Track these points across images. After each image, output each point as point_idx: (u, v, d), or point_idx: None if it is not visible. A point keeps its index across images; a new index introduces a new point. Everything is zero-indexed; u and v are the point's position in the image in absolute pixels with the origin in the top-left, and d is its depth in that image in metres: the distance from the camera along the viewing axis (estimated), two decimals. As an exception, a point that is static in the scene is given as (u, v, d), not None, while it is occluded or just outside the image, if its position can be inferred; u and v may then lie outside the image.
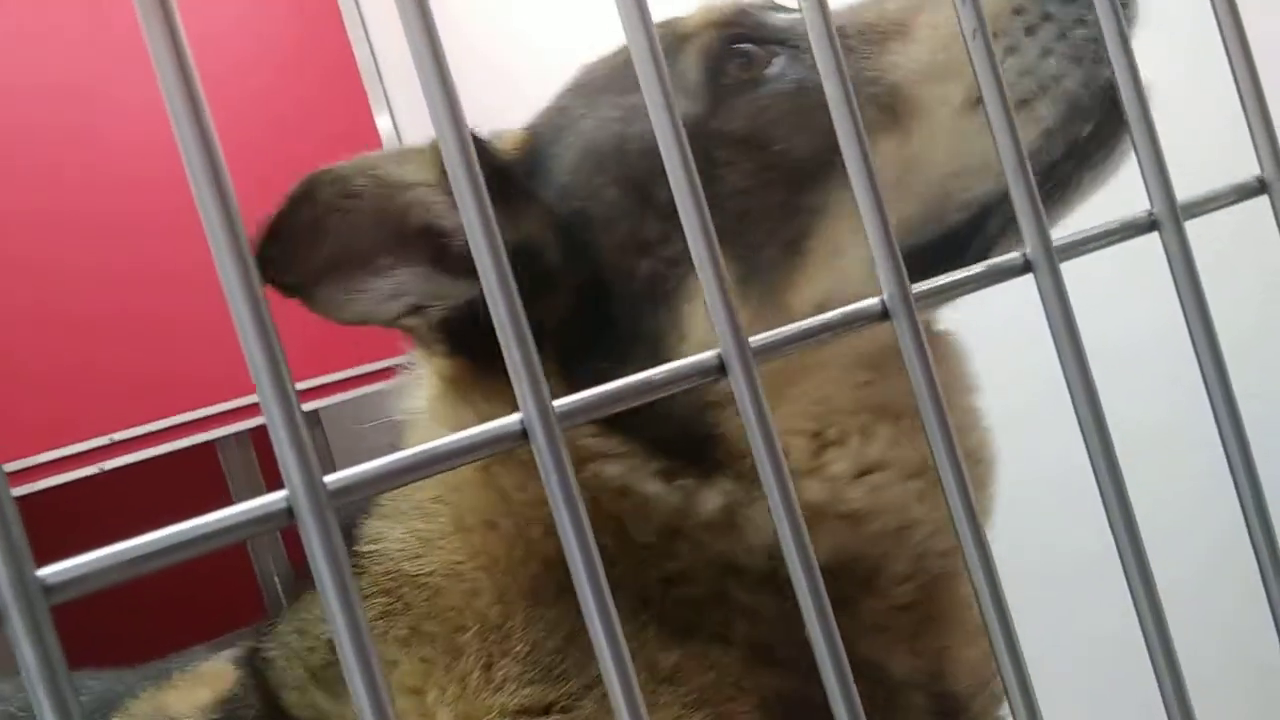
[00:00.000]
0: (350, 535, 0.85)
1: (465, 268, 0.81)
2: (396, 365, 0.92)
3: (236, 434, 2.70)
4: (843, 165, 0.79)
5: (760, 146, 0.79)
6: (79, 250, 2.54)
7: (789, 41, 0.83)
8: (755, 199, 0.78)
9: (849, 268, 0.77)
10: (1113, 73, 0.66)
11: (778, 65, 0.82)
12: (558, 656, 0.74)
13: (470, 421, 0.37)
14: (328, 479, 0.29)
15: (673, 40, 0.85)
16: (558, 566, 0.77)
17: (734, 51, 0.82)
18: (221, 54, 2.67)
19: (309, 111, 2.78)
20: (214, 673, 0.92)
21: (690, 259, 0.78)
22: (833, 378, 0.77)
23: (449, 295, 0.80)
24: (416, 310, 0.80)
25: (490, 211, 0.32)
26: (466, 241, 0.94)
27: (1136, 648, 0.42)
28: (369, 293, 0.79)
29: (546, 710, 0.74)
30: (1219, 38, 0.45)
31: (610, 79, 0.87)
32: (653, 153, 0.80)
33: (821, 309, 0.79)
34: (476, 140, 0.81)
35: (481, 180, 0.32)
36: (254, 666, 0.86)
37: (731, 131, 0.80)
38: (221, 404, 2.60)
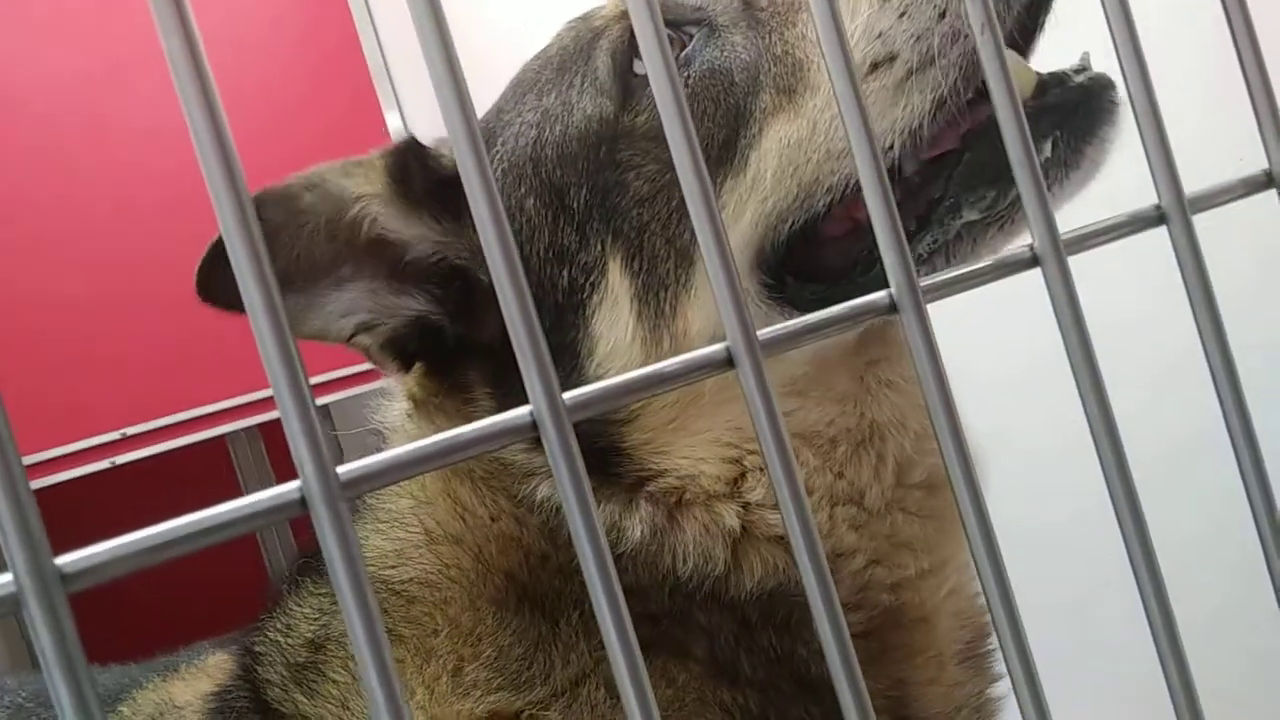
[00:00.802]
0: None
1: (418, 279, 0.81)
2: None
3: (246, 429, 2.72)
4: (737, 154, 0.76)
5: (664, 138, 0.77)
6: (91, 251, 2.56)
7: (704, 20, 0.81)
8: (657, 205, 0.77)
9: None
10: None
11: (691, 46, 0.80)
12: (524, 663, 0.75)
13: None
14: (340, 469, 0.29)
15: (588, 36, 0.84)
16: (517, 579, 0.78)
17: None
18: (232, 53, 2.68)
19: (319, 110, 2.79)
20: (218, 665, 0.94)
21: (600, 267, 0.78)
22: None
23: (397, 310, 0.80)
24: (367, 328, 0.80)
25: (500, 208, 0.32)
26: (417, 254, 0.94)
27: (1142, 634, 0.42)
28: (325, 308, 0.79)
29: (513, 718, 0.74)
30: (1227, 30, 0.45)
31: (536, 77, 0.85)
32: (565, 158, 0.80)
33: (713, 339, 0.78)
34: (421, 151, 0.81)
35: (491, 176, 0.32)
36: (245, 660, 0.87)
37: (638, 126, 0.78)
38: (232, 399, 2.61)
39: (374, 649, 0.29)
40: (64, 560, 0.27)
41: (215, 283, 0.73)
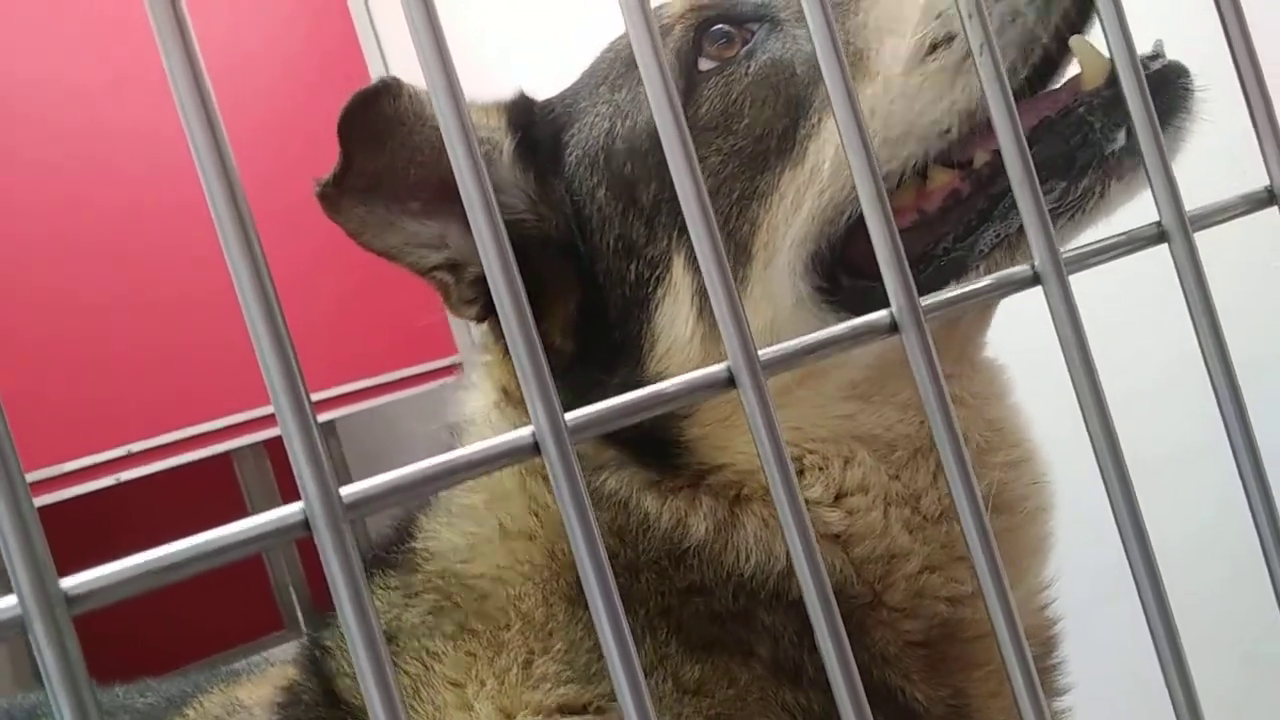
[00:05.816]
0: (407, 530, 0.87)
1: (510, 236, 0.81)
2: (410, 376, 0.93)
3: (252, 445, 2.72)
4: (796, 144, 0.77)
5: (726, 129, 0.79)
6: (95, 268, 2.56)
7: (767, 16, 0.82)
8: (719, 199, 0.78)
9: (776, 279, 0.76)
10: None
11: (754, 40, 0.81)
12: (593, 656, 0.75)
13: None
14: (344, 491, 0.29)
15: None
16: None
17: (713, 34, 0.81)
18: (232, 61, 2.69)
19: (320, 119, 2.79)
20: (280, 673, 0.95)
21: (665, 261, 0.79)
22: (814, 408, 0.76)
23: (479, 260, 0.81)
24: (452, 267, 0.81)
25: (504, 234, 0.32)
26: (508, 205, 0.93)
27: (1151, 666, 0.42)
28: (406, 229, 0.79)
29: (582, 710, 0.74)
30: (1226, 48, 0.45)
31: (608, 70, 0.87)
32: (635, 153, 0.82)
33: (771, 336, 0.75)
34: (530, 104, 0.84)
35: (494, 202, 0.33)
36: (313, 654, 0.88)
37: (699, 119, 0.80)
38: (237, 415, 2.61)
39: (377, 671, 0.29)
40: (69, 583, 0.27)
41: (357, 124, 0.75)
